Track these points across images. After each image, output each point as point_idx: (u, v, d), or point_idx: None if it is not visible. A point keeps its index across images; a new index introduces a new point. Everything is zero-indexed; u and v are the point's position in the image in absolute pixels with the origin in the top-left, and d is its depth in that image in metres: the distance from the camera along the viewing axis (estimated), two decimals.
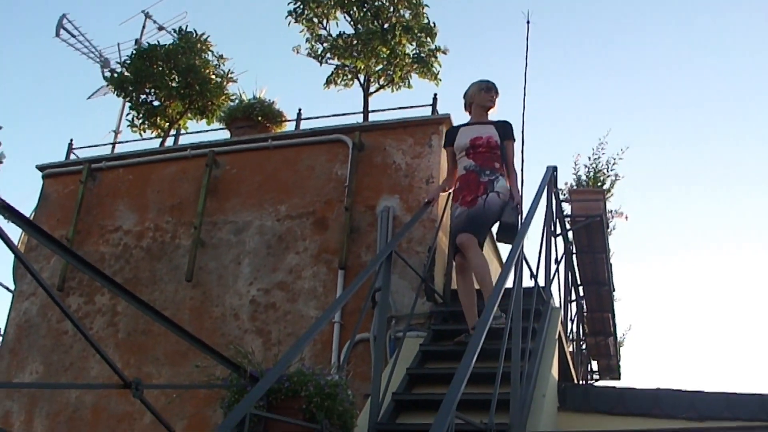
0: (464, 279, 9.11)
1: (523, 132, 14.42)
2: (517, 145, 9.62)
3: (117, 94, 15.28)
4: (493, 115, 9.50)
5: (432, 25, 13.63)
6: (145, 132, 14.98)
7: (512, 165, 9.40)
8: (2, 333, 13.26)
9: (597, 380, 16.17)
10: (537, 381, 8.03)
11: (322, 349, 10.56)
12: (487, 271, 8.78)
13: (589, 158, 13.11)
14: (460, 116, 9.77)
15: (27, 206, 13.94)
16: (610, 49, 38.86)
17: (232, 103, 14.34)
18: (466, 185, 9.16)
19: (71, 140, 14.13)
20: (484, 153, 9.25)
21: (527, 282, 8.30)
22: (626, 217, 13.84)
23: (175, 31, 15.30)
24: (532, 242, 11.09)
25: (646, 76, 39.47)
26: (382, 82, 13.60)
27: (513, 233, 8.64)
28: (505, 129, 9.47)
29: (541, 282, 9.46)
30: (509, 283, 7.04)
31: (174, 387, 10.80)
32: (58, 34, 17.97)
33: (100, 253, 12.47)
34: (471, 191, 9.05)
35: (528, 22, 15.76)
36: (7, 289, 14.46)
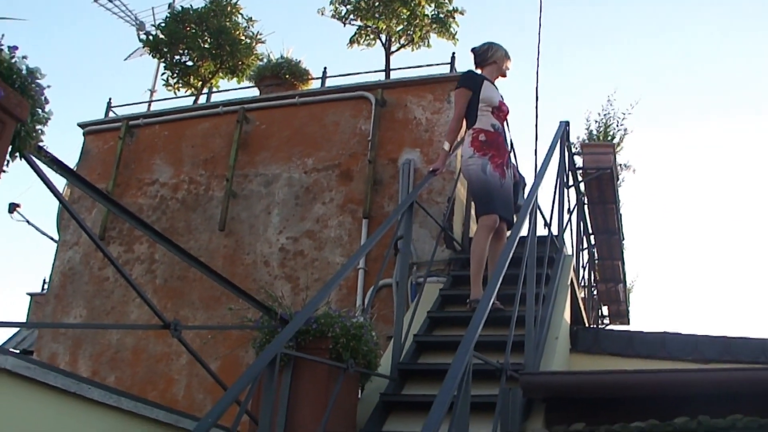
0: (491, 243, 8.47)
1: (537, 89, 14.36)
2: (531, 100, 9.49)
3: (152, 56, 15.32)
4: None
5: None
6: (179, 91, 15.03)
7: None
8: (48, 280, 13.36)
9: (607, 325, 16.16)
10: (550, 324, 8.04)
11: (347, 293, 10.60)
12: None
13: (599, 114, 13.08)
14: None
15: (68, 162, 14.00)
16: (621, 7, 38.66)
17: (261, 63, 14.38)
18: (495, 144, 8.59)
19: (110, 99, 14.19)
20: (503, 120, 8.83)
21: (541, 231, 8.30)
22: (634, 170, 13.82)
23: None
24: (545, 193, 11.02)
25: (653, 34, 39.28)
26: (402, 41, 13.57)
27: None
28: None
29: (555, 231, 9.46)
30: (524, 232, 7.06)
31: (209, 328, 10.89)
32: (96, 0, 17.96)
33: (138, 205, 12.51)
34: (500, 155, 8.58)
35: None
36: (52, 239, 14.54)
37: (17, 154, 3.56)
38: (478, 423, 5.16)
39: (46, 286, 18.38)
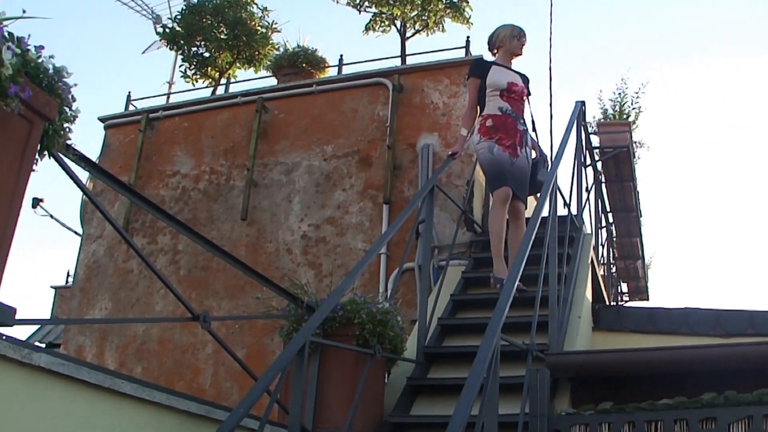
0: (504, 220, 8.41)
1: (550, 69, 14.34)
2: (545, 81, 9.42)
3: (170, 48, 15.34)
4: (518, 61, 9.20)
5: None
6: (197, 82, 15.05)
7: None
8: (73, 274, 13.41)
9: (626, 301, 16.13)
10: (572, 303, 8.02)
11: (369, 278, 10.60)
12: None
13: (614, 93, 13.04)
14: (487, 55, 9.55)
15: (90, 156, 14.07)
16: None
17: (277, 52, 14.37)
18: (503, 127, 8.49)
19: (129, 92, 14.24)
20: (517, 101, 8.68)
21: (561, 211, 8.28)
22: (648, 148, 13.79)
23: None
24: (563, 173, 11.00)
25: (664, 12, 39.16)
26: (417, 27, 13.55)
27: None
28: (528, 83, 9.02)
29: (574, 210, 9.45)
30: (545, 212, 7.05)
31: (238, 318, 10.90)
32: None
33: (160, 197, 12.53)
34: (509, 136, 8.47)
35: None
36: (76, 233, 14.58)
37: (45, 152, 3.56)
38: (506, 404, 5.15)
39: (70, 279, 18.49)
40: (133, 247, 4.65)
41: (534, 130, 9.03)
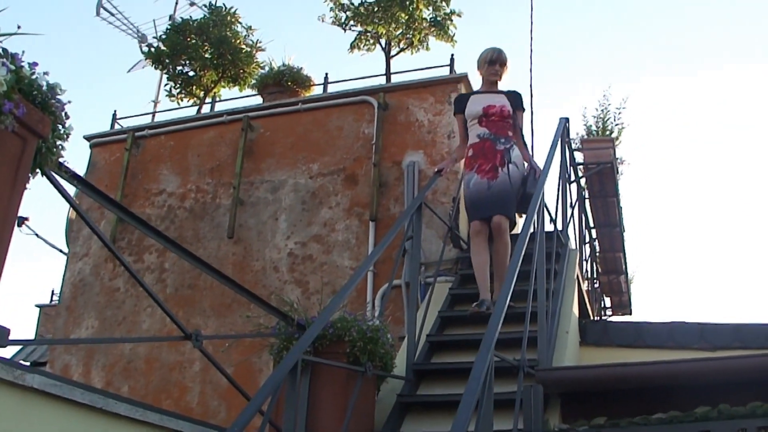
0: (481, 245, 8.32)
1: (531, 86, 14.39)
2: (525, 98, 9.31)
3: (155, 67, 15.29)
4: (504, 82, 9.14)
5: None
6: (182, 101, 15.00)
7: (523, 134, 8.96)
8: (59, 293, 13.33)
9: (610, 316, 16.11)
10: (560, 319, 8.01)
11: (357, 296, 10.53)
12: (509, 257, 8.00)
13: (596, 109, 13.06)
14: (476, 75, 9.54)
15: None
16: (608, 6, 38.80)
17: (262, 71, 14.38)
18: (481, 153, 8.54)
19: (115, 111, 14.18)
20: (497, 122, 8.62)
21: (547, 226, 8.26)
22: (629, 164, 13.80)
23: (205, 5, 15.24)
24: (548, 189, 11.02)
25: (644, 28, 39.38)
26: (402, 45, 13.54)
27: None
28: (516, 99, 8.89)
29: (559, 226, 9.43)
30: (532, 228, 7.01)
31: (230, 337, 10.83)
32: (98, 14, 17.98)
33: (146, 215, 12.45)
34: (488, 160, 8.45)
35: None
36: (61, 251, 14.50)
37: (38, 170, 3.50)
38: (498, 419, 5.09)
39: (55, 298, 18.38)
40: (124, 264, 4.58)
41: (524, 144, 8.92)
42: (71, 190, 4.52)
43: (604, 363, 7.47)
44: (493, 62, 8.83)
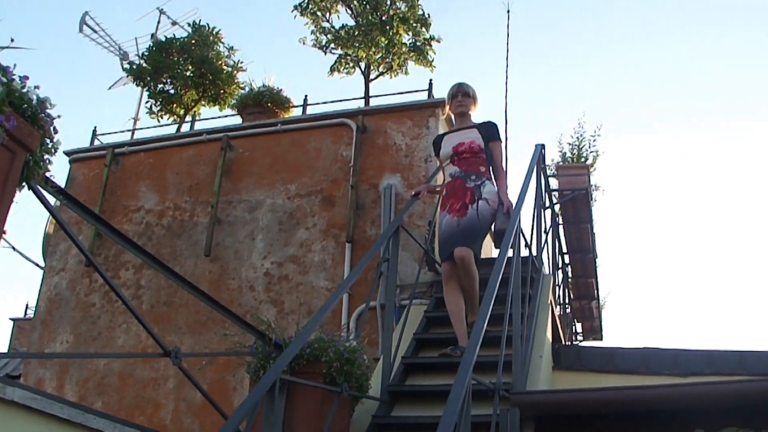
0: (453, 290, 8.00)
1: (506, 113, 14.46)
2: (500, 125, 9.13)
3: (136, 84, 15.33)
4: (477, 114, 8.92)
5: (426, 16, 13.70)
6: (162, 119, 15.06)
7: (500, 167, 8.43)
8: (34, 307, 13.26)
9: (581, 341, 16.16)
10: (534, 343, 7.99)
11: (332, 317, 10.51)
12: (476, 287, 7.86)
13: (572, 136, 13.10)
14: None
15: None
16: (583, 32, 39.02)
17: (243, 91, 14.46)
18: (452, 192, 8.23)
19: (95, 127, 14.17)
20: (468, 158, 8.30)
21: (522, 251, 8.24)
22: (603, 191, 13.84)
23: (188, 25, 15.29)
24: (523, 215, 11.02)
25: (617, 54, 39.63)
26: (381, 69, 13.63)
27: None
28: (489, 131, 8.46)
29: (534, 251, 9.43)
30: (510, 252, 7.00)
31: (209, 355, 10.78)
32: (81, 30, 18.02)
33: (124, 231, 12.36)
34: (458, 198, 8.12)
35: (508, 12, 15.88)
36: (38, 265, 14.43)
37: (24, 184, 3.47)
38: None
39: (29, 312, 18.28)
40: (105, 278, 4.55)
41: (504, 175, 8.44)
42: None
43: (579, 388, 7.47)
44: (455, 95, 8.57)
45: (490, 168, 8.39)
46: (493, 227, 8.00)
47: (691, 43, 37.13)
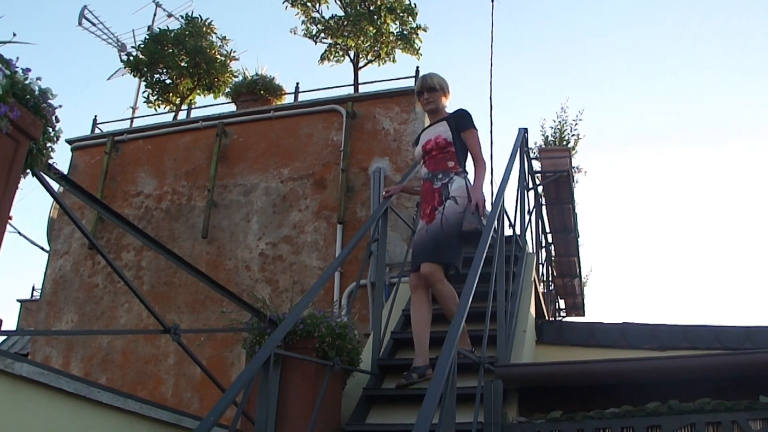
0: (419, 302, 7.16)
1: (491, 99, 14.46)
2: (485, 112, 8.94)
3: (134, 75, 15.33)
4: (452, 103, 8.04)
5: (413, 5, 13.69)
6: (159, 107, 15.06)
7: (478, 155, 7.34)
8: (40, 289, 13.30)
9: (564, 317, 16.21)
10: (518, 318, 8.03)
11: (324, 294, 10.57)
12: (454, 301, 6.83)
13: (554, 120, 13.14)
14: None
15: None
16: (565, 20, 39.04)
17: (236, 80, 14.51)
18: (424, 197, 7.41)
19: (95, 116, 14.20)
20: (436, 155, 7.40)
21: (506, 231, 8.27)
22: (585, 172, 13.88)
23: (182, 17, 15.29)
24: (507, 196, 11.05)
25: (597, 44, 39.67)
26: (370, 57, 13.65)
27: (478, 238, 6.47)
28: (459, 120, 7.45)
29: (518, 231, 9.47)
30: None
31: (206, 331, 10.83)
32: (80, 23, 18.03)
33: (124, 215, 12.37)
34: (428, 202, 7.28)
35: (492, 0, 15.82)
36: (43, 249, 14.46)
37: (28, 170, 3.51)
38: (459, 413, 5.10)
39: (35, 293, 18.29)
40: (107, 259, 4.58)
41: (474, 169, 7.36)
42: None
43: (561, 360, 7.51)
44: (421, 92, 7.63)
45: (465, 161, 7.45)
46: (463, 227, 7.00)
47: (678, 16, 37.18)
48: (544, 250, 12.67)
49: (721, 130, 44.40)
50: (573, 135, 12.99)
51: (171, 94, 14.98)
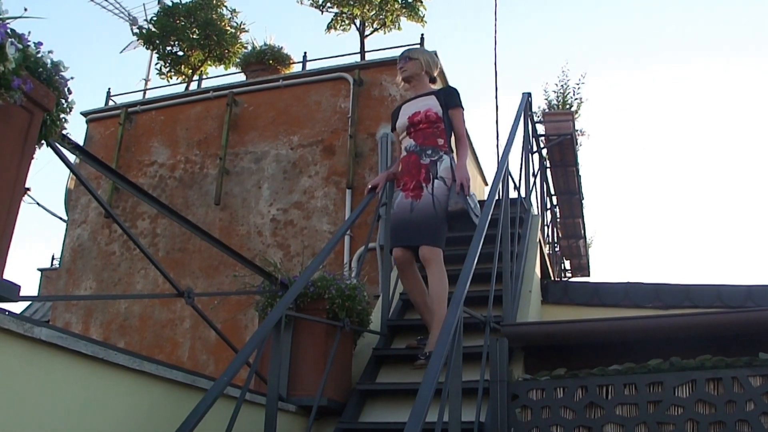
0: (411, 277, 6.93)
1: (495, 65, 14.45)
2: (488, 80, 8.76)
3: (146, 48, 15.33)
4: (440, 79, 7.42)
5: None
6: (171, 79, 15.07)
7: (462, 135, 7.14)
8: (59, 257, 13.36)
9: (569, 278, 16.25)
10: (523, 279, 8.05)
11: (335, 258, 10.59)
12: (444, 286, 6.57)
13: (556, 84, 13.15)
14: (444, 54, 9.48)
15: None
16: None
17: (246, 50, 14.49)
18: (407, 169, 7.02)
19: (109, 89, 14.19)
20: (425, 129, 7.04)
21: (511, 193, 8.27)
22: (588, 135, 13.90)
23: None
24: (512, 159, 11.06)
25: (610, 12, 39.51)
26: (375, 25, 13.60)
27: (464, 219, 6.67)
28: (448, 97, 7.18)
29: (523, 194, 9.48)
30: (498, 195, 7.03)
31: (218, 294, 10.86)
32: None
33: (139, 184, 12.41)
34: (412, 176, 6.93)
35: None
36: (61, 219, 14.52)
37: (43, 141, 3.54)
38: (466, 371, 5.13)
39: (55, 262, 18.38)
40: (122, 226, 4.61)
41: (457, 148, 7.17)
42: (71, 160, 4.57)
43: (563, 319, 7.54)
44: (399, 66, 7.42)
45: (451, 140, 7.20)
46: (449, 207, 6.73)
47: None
48: (549, 212, 12.69)
49: (721, 98, 44.23)
50: (575, 99, 13.00)
51: (183, 66, 14.99)
